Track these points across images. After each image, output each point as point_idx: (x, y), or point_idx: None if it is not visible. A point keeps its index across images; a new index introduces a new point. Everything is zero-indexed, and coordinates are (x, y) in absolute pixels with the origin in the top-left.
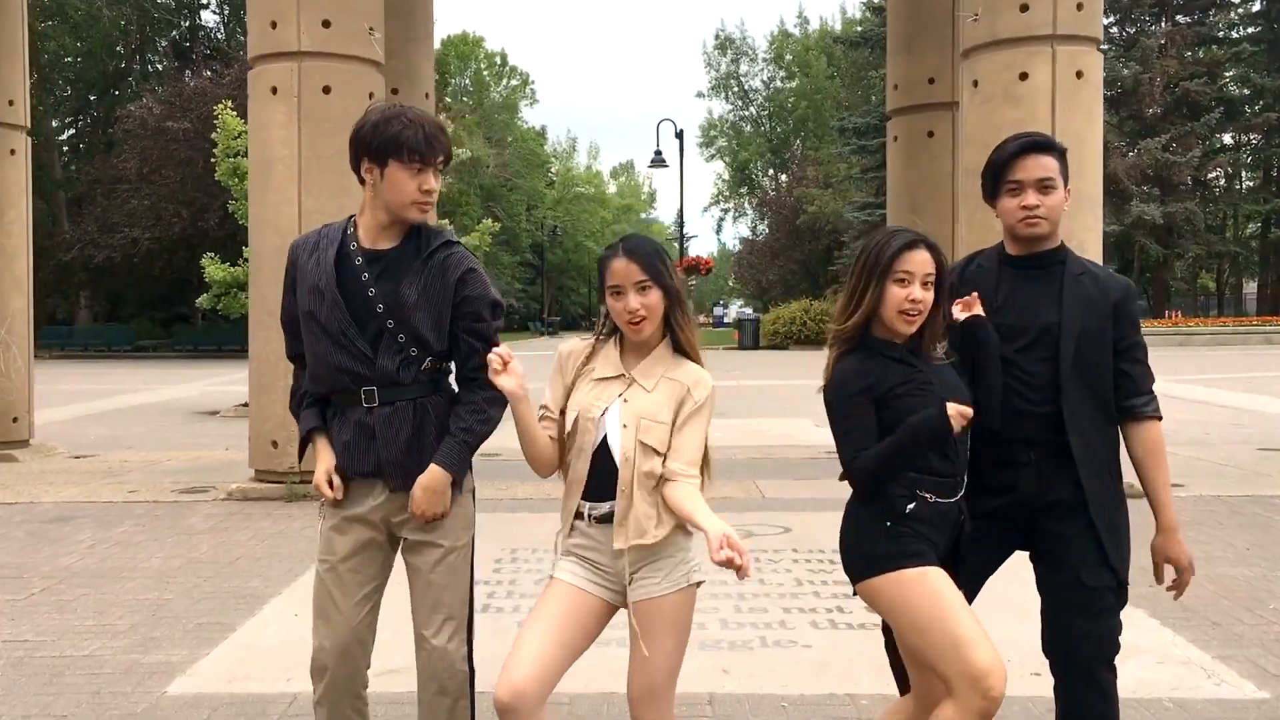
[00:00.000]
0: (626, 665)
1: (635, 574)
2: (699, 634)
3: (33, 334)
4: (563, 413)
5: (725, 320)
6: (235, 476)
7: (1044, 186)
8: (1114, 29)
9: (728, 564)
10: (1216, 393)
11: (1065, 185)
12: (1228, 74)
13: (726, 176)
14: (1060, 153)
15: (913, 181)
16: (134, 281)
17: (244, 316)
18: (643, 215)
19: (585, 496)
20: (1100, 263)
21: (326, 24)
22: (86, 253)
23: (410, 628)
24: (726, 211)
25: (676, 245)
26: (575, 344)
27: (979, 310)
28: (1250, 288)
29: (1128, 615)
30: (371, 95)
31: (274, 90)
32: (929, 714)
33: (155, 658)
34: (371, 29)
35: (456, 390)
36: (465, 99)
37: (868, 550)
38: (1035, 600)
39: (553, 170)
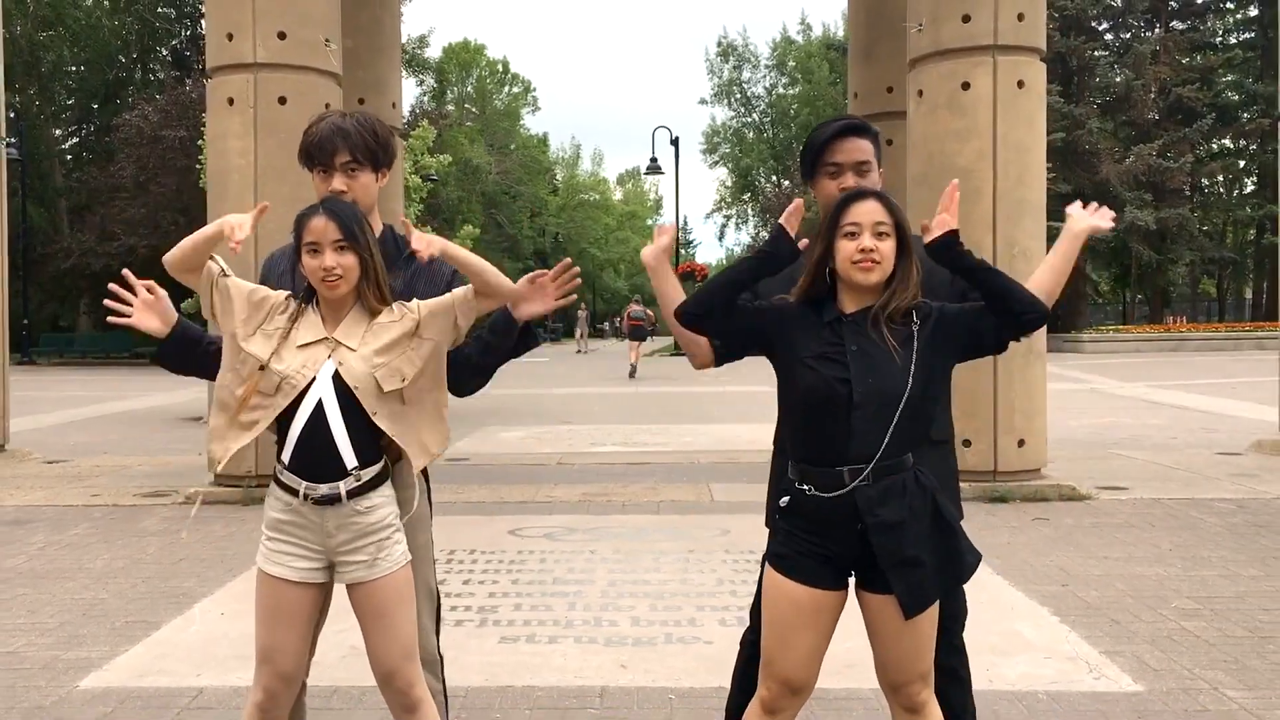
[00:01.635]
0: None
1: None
2: (607, 631)
3: (8, 338)
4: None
5: None
6: (201, 481)
7: (861, 169)
8: (1108, 35)
9: None
10: (1196, 398)
11: (880, 167)
12: (1222, 80)
13: (729, 183)
14: (874, 136)
15: None
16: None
17: None
18: (648, 222)
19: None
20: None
21: (282, 35)
22: (85, 260)
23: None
24: (729, 218)
25: (675, 251)
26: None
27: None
28: (1250, 293)
29: (1033, 615)
30: (328, 105)
31: (230, 101)
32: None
33: (75, 654)
34: (328, 40)
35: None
36: (467, 106)
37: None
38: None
39: (556, 177)
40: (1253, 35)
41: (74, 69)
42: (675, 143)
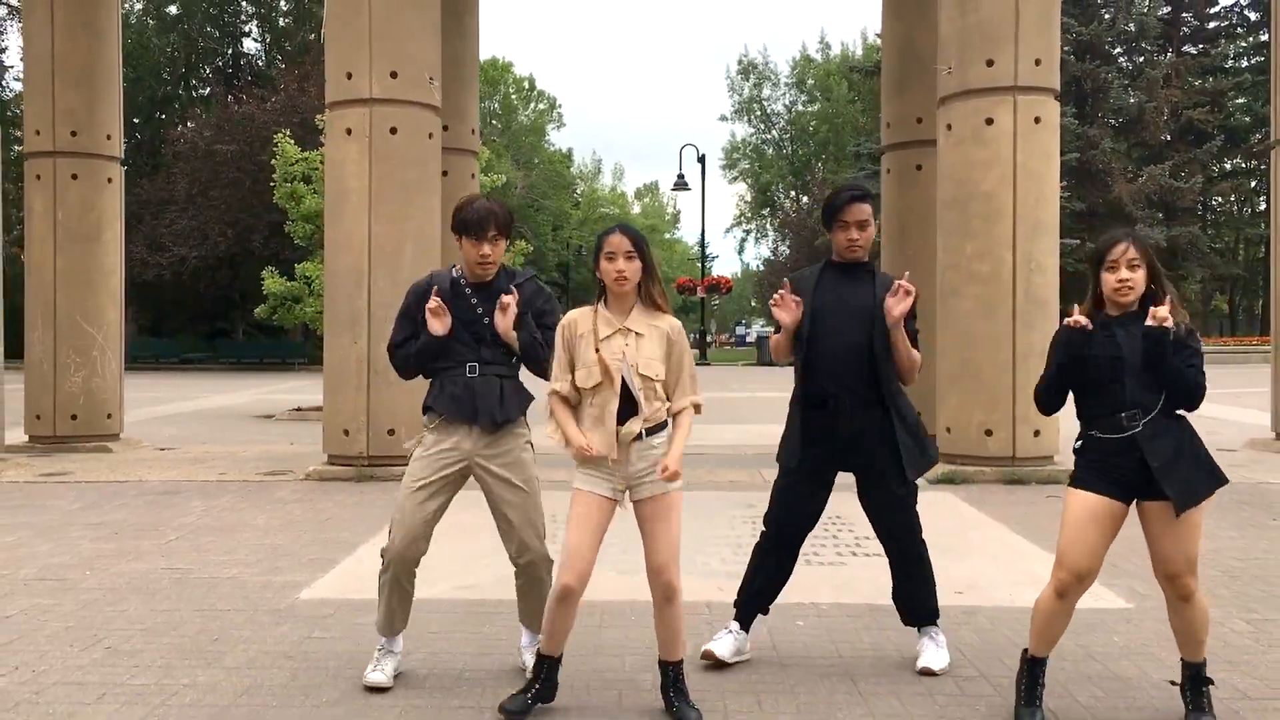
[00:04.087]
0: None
1: (640, 475)
2: (700, 567)
3: (123, 345)
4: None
5: (747, 339)
6: (306, 464)
7: (861, 226)
8: (1122, 59)
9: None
10: (1203, 405)
11: (875, 221)
12: (1232, 103)
13: (749, 198)
14: (872, 199)
15: (903, 209)
16: (178, 297)
17: (285, 330)
18: (666, 235)
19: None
20: (1058, 283)
21: (394, 75)
22: (135, 270)
23: (487, 556)
24: (749, 232)
25: (699, 265)
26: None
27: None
28: (1260, 309)
29: (1045, 560)
30: (430, 135)
31: (349, 131)
32: None
33: (283, 579)
34: (431, 78)
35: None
36: (494, 122)
37: None
38: (955, 544)
39: (578, 191)
40: (1262, 59)
41: (123, 87)
42: (702, 159)
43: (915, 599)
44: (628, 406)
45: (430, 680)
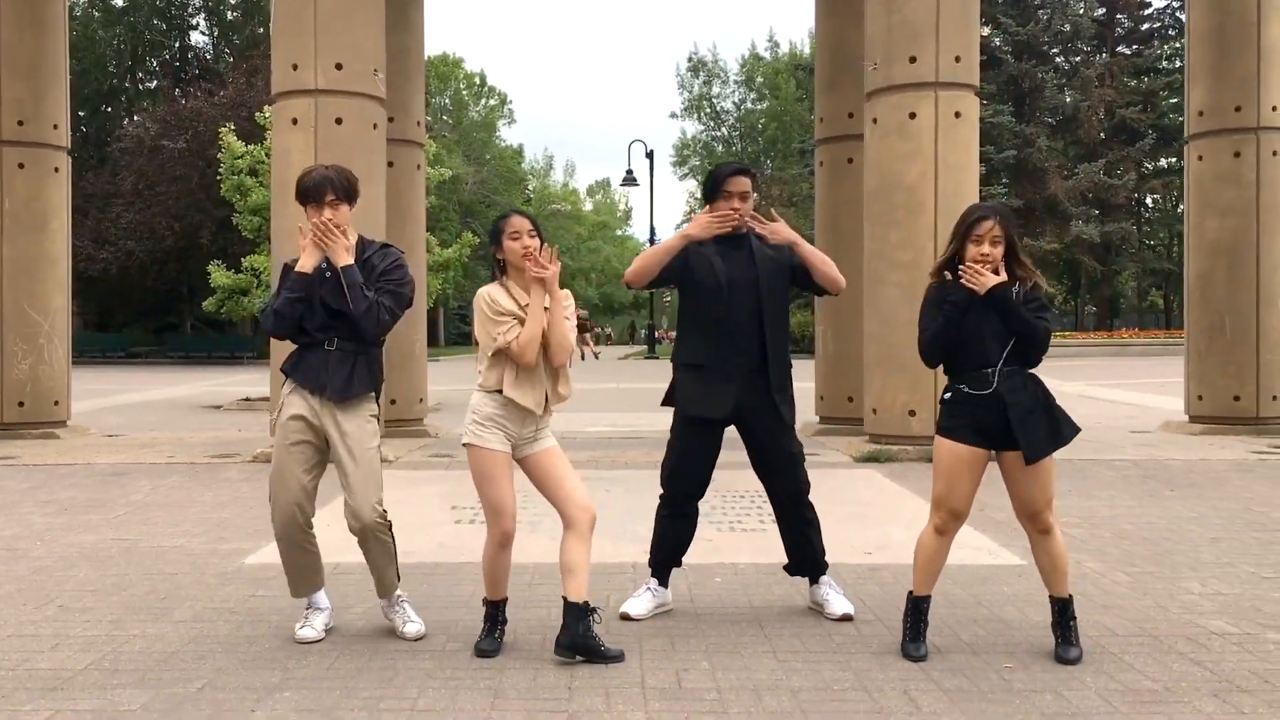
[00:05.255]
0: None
1: (540, 430)
2: (630, 533)
3: (70, 329)
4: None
5: None
6: (254, 449)
7: (743, 197)
8: (1058, 58)
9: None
10: (1128, 394)
11: (754, 193)
12: (1165, 102)
13: (699, 195)
14: (752, 175)
15: (835, 202)
16: (125, 292)
17: (234, 325)
18: (618, 232)
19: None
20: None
21: (339, 66)
22: (81, 264)
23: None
24: None
25: None
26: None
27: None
28: None
29: (964, 530)
30: (375, 126)
31: (294, 121)
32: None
33: (228, 547)
34: (376, 70)
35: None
36: (445, 118)
37: None
38: (871, 513)
39: (530, 188)
40: None
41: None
42: (650, 156)
43: (813, 550)
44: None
45: (367, 632)
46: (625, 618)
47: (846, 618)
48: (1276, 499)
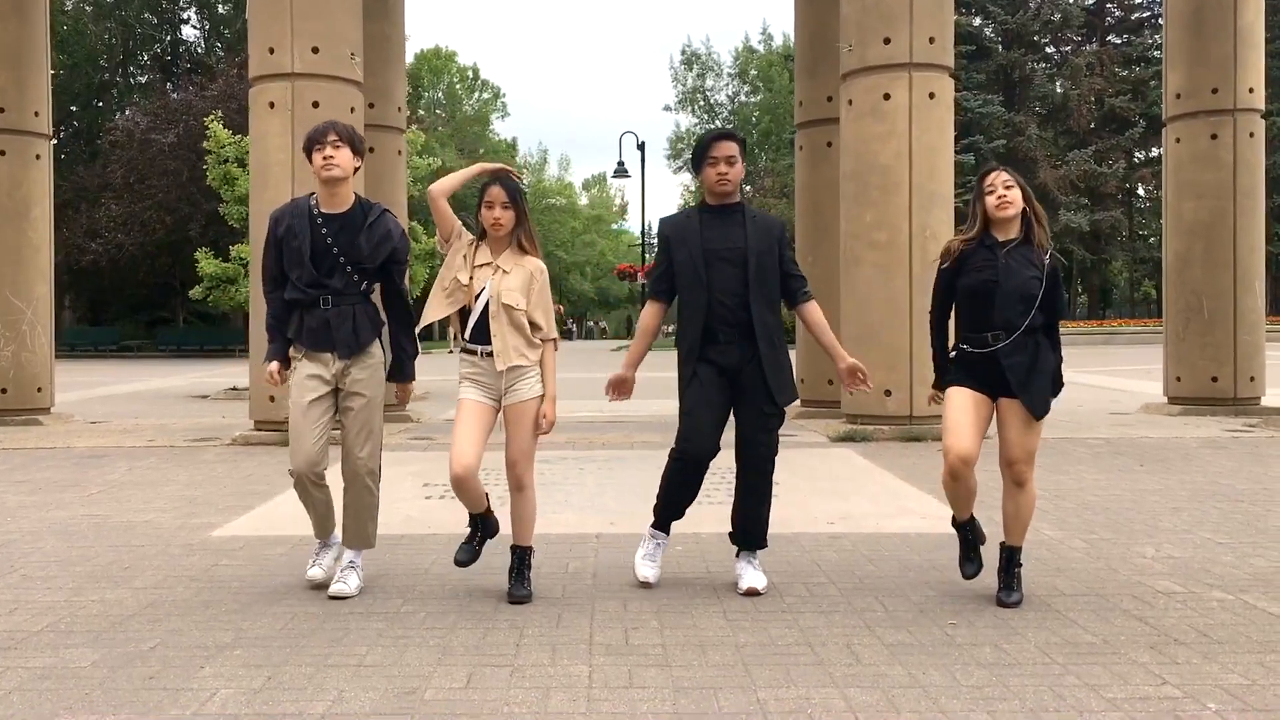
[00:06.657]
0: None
1: (509, 387)
2: (598, 506)
3: (53, 317)
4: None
5: None
6: (234, 435)
7: (730, 161)
8: (1048, 48)
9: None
10: (1114, 379)
11: (743, 160)
12: (1154, 91)
13: (693, 187)
14: (740, 141)
15: (815, 185)
16: (117, 285)
17: (226, 316)
18: (613, 225)
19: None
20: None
21: (316, 50)
22: (72, 257)
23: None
24: None
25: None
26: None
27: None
28: None
29: (919, 499)
30: (353, 109)
31: (271, 105)
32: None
33: (198, 521)
34: (353, 54)
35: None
36: (438, 112)
37: None
38: (841, 488)
39: (524, 181)
40: None
41: (57, 73)
42: (641, 147)
43: (754, 519)
44: (483, 329)
45: (324, 599)
46: (645, 584)
47: (752, 591)
48: (1244, 473)
